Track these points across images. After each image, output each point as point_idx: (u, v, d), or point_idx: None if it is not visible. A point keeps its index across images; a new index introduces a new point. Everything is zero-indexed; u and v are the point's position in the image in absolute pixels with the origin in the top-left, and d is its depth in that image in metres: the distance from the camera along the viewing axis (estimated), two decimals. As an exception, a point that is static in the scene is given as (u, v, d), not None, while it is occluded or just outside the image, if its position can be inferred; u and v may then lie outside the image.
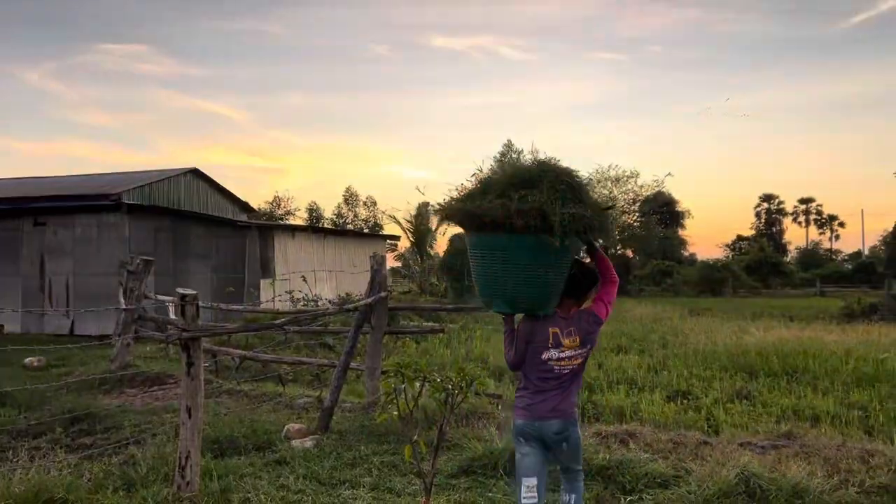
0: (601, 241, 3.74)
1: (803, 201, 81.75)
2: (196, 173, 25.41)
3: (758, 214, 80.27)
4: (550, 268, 3.42)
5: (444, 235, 39.42)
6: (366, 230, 48.34)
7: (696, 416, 7.99)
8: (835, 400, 8.64)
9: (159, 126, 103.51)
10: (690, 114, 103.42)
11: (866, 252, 72.49)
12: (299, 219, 52.09)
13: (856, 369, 10.43)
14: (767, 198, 79.92)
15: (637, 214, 49.19)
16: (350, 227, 50.67)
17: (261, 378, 9.60)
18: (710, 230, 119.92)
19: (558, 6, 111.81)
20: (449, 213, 3.71)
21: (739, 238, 69.06)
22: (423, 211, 36.39)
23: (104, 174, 25.07)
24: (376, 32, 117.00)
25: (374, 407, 7.04)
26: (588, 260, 3.81)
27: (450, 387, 3.91)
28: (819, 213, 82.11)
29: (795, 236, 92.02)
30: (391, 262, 43.90)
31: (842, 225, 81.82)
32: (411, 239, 37.13)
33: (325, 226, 47.33)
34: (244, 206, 28.56)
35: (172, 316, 10.40)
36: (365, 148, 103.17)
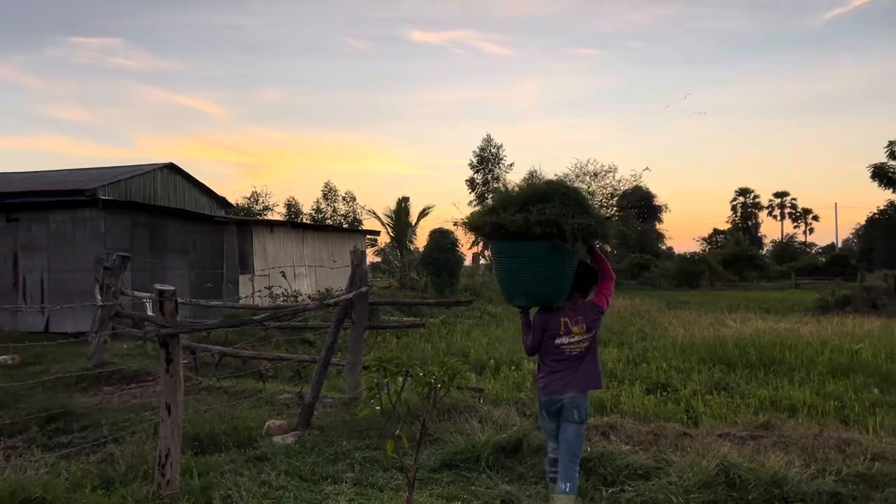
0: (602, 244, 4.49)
1: (778, 195, 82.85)
2: (172, 168, 25.12)
3: (734, 208, 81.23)
4: (562, 267, 4.11)
5: (424, 229, 39.42)
6: (345, 225, 48.11)
7: (676, 407, 8.07)
8: (811, 390, 8.79)
9: (135, 121, 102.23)
10: (667, 109, 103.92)
11: (840, 245, 73.69)
12: (278, 214, 51.60)
13: (831, 360, 10.60)
14: (743, 192, 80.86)
15: (615, 209, 49.52)
16: (329, 222, 50.37)
17: (241, 374, 9.53)
18: (687, 224, 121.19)
19: (537, 1, 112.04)
20: (477, 224, 4.34)
21: (716, 232, 69.82)
22: (402, 205, 36.30)
23: (79, 170, 24.71)
24: (354, 27, 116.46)
25: (356, 402, 7.02)
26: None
27: (432, 381, 3.90)
28: (794, 206, 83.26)
29: (771, 230, 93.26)
30: (371, 257, 43.80)
31: (816, 218, 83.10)
32: (391, 234, 37.03)
33: (304, 221, 47.04)
34: (222, 202, 28.28)
35: (150, 312, 10.30)
36: (343, 143, 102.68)
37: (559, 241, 3.97)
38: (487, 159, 49.61)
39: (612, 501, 4.61)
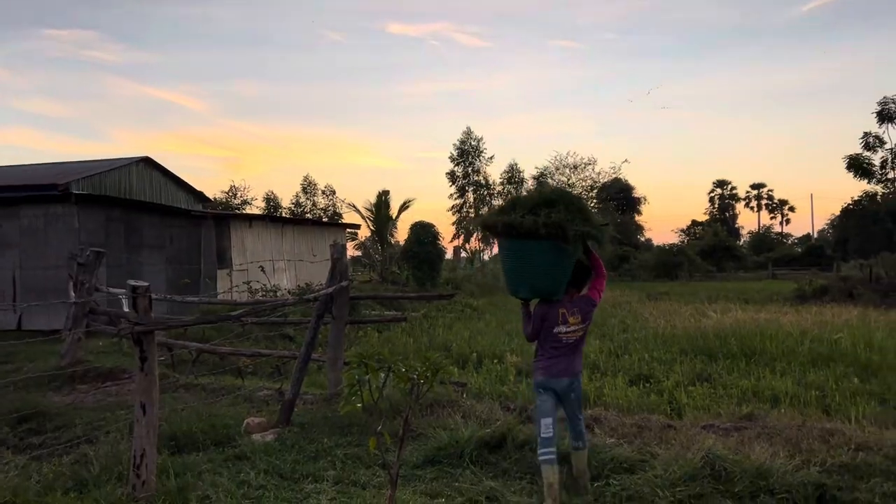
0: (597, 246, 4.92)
1: (755, 186, 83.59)
2: (148, 162, 24.75)
3: (711, 200, 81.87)
4: (562, 265, 4.55)
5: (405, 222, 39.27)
6: (325, 219, 47.78)
7: (659, 399, 8.05)
8: (792, 380, 8.82)
9: (111, 115, 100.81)
10: (633, 103, 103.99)
11: (815, 235, 74.61)
12: (256, 208, 51.14)
13: (811, 350, 10.65)
14: (721, 184, 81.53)
15: (595, 201, 49.71)
16: (309, 216, 49.99)
17: (219, 371, 9.38)
18: (666, 216, 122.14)
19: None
20: (490, 223, 4.81)
21: (694, 223, 70.36)
22: (382, 198, 36.10)
23: (51, 164, 24.28)
24: (332, 19, 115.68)
25: (337, 398, 6.90)
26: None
27: (415, 376, 3.82)
28: (770, 197, 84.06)
29: (748, 221, 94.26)
30: (351, 250, 43.55)
31: (792, 209, 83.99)
32: (371, 227, 36.81)
33: (284, 215, 46.65)
34: (199, 196, 27.94)
35: (126, 309, 10.08)
36: (322, 136, 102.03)
37: (562, 242, 4.43)
38: (468, 152, 49.59)
39: (598, 495, 4.56)
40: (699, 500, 4.40)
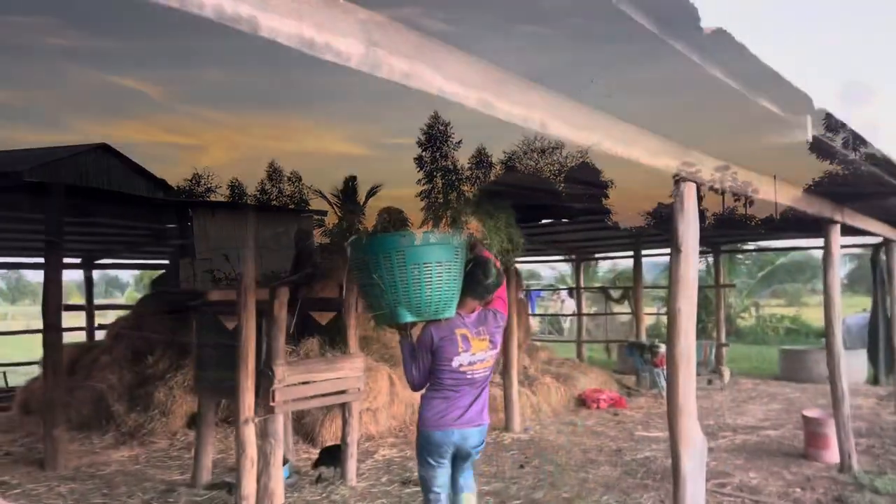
0: None
1: (719, 169, 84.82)
2: (106, 149, 24.05)
3: (677, 183, 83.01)
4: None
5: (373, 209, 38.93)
6: (291, 206, 47.17)
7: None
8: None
9: (68, 103, 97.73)
10: (581, 92, 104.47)
11: (778, 217, 75.98)
12: (221, 196, 50.24)
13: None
14: (686, 166, 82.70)
15: (563, 185, 49.93)
16: (275, 203, 49.32)
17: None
18: (633, 199, 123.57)
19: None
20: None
21: (661, 206, 71.08)
22: (349, 185, 35.69)
23: (3, 152, 23.48)
24: (295, 7, 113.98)
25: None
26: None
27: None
28: (734, 180, 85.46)
29: (712, 203, 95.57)
30: (319, 238, 43.03)
31: (755, 191, 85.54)
32: (339, 214, 36.41)
33: (249, 202, 45.92)
34: (161, 184, 27.25)
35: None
36: (287, 123, 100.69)
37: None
38: (436, 137, 49.40)
39: None
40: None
